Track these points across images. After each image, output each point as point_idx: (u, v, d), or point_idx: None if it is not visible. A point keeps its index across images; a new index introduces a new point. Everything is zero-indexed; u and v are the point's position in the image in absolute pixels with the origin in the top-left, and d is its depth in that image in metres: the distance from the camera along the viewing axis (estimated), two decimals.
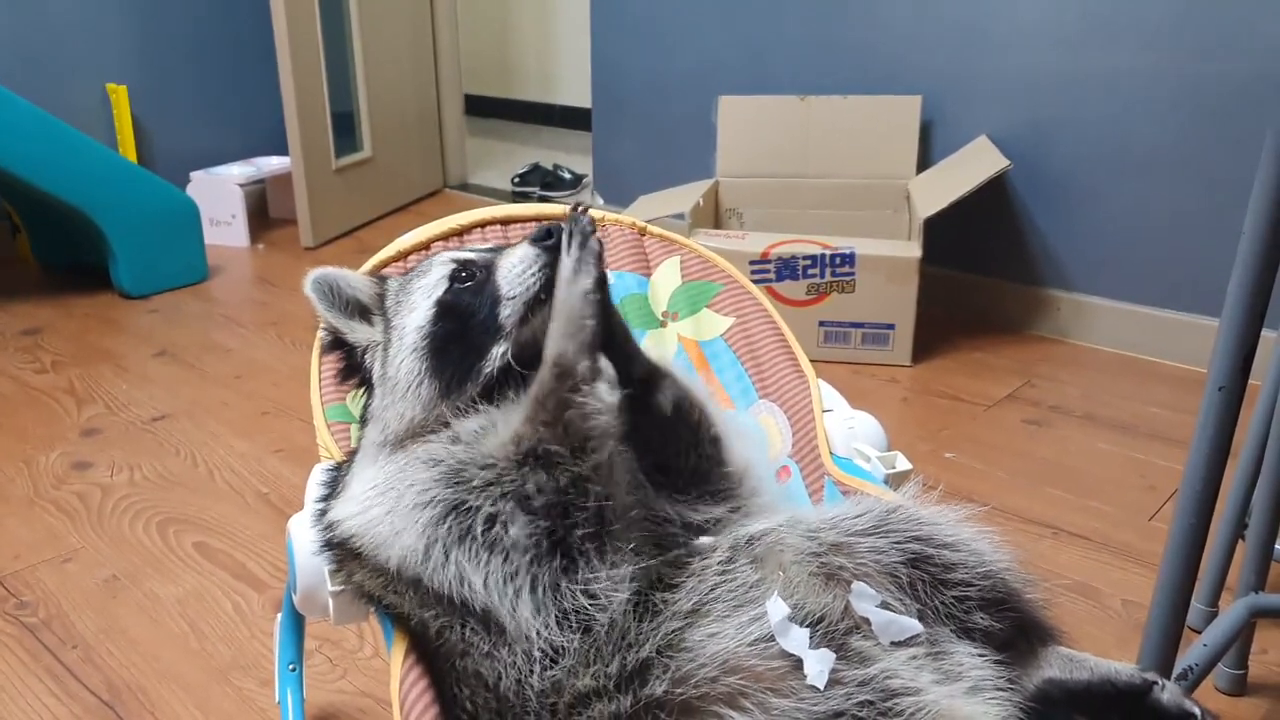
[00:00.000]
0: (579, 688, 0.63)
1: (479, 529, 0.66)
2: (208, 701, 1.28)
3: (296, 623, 1.08)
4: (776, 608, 0.64)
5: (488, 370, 0.75)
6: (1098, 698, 0.67)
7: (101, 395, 2.14)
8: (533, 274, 0.76)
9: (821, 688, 0.60)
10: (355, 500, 0.74)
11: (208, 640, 1.39)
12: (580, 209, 0.75)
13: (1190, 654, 1.04)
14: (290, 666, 1.07)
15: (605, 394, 0.69)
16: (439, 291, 0.79)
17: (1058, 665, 0.69)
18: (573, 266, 0.71)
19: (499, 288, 0.77)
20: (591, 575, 0.65)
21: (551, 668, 0.64)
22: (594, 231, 0.73)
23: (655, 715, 0.61)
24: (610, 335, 0.74)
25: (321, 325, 0.84)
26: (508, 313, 0.76)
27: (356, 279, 0.84)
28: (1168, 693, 0.66)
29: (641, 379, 0.76)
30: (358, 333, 0.82)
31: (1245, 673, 1.29)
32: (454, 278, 0.79)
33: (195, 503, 1.74)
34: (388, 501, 0.71)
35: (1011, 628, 0.69)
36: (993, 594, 0.69)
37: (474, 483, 0.68)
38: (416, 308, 0.79)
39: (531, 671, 0.64)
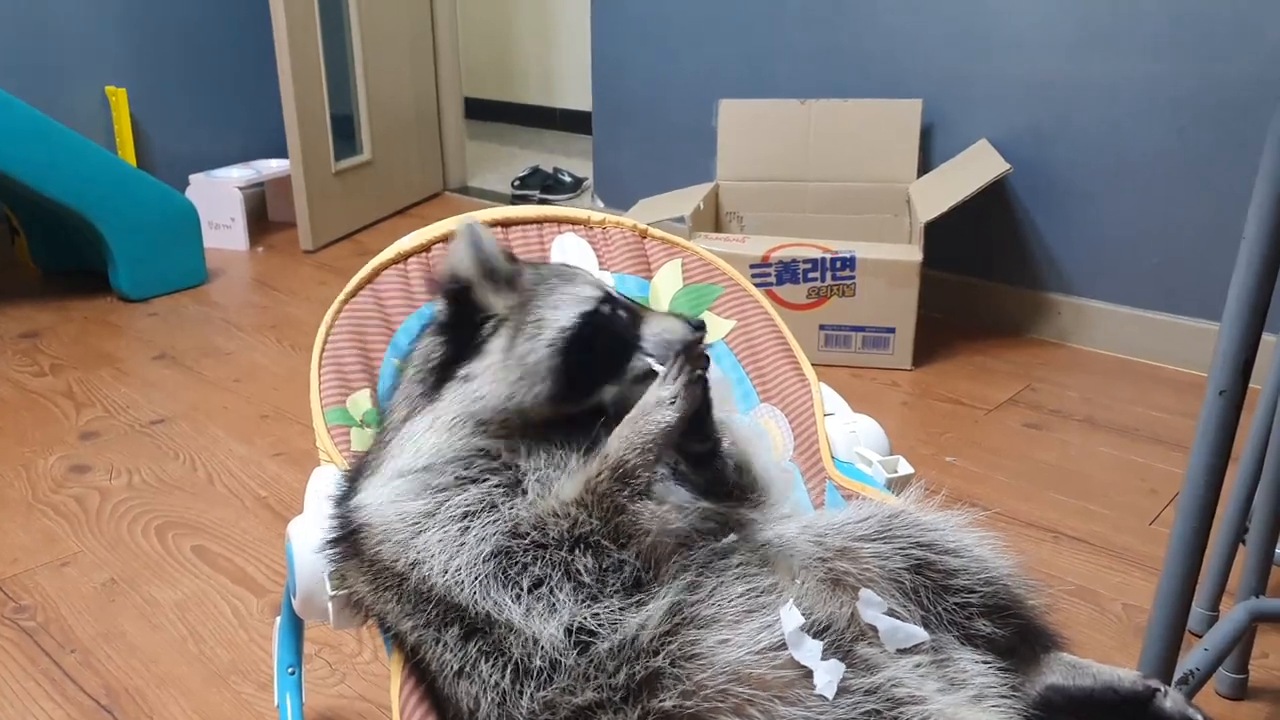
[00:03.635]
0: (577, 703, 0.63)
1: (525, 584, 0.67)
2: (206, 705, 1.28)
3: (295, 626, 1.07)
4: (791, 617, 0.64)
5: (592, 402, 0.76)
6: (1100, 704, 0.67)
7: (100, 399, 2.14)
8: (678, 348, 0.76)
9: (830, 698, 0.60)
10: (389, 489, 0.73)
11: (206, 644, 1.39)
12: (703, 348, 0.74)
13: (1191, 658, 1.04)
14: (289, 670, 1.06)
15: (653, 508, 0.70)
16: (587, 306, 0.78)
17: (1060, 672, 0.69)
18: (669, 396, 0.71)
19: (644, 340, 0.78)
20: (621, 610, 0.66)
21: (546, 687, 0.63)
22: (704, 370, 0.73)
23: None
24: (699, 417, 0.75)
25: (455, 274, 0.80)
26: (638, 367, 0.77)
27: (498, 248, 0.82)
28: (1170, 700, 0.66)
29: (708, 451, 0.78)
30: (491, 298, 0.79)
31: (1246, 677, 1.29)
32: (603, 302, 0.79)
33: (194, 506, 1.73)
34: (425, 504, 0.71)
35: (1014, 634, 0.69)
36: (994, 601, 0.69)
37: (525, 541, 0.68)
38: (561, 307, 0.78)
39: (521, 692, 0.63)
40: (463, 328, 0.79)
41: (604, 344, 0.77)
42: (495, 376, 0.75)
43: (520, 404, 0.74)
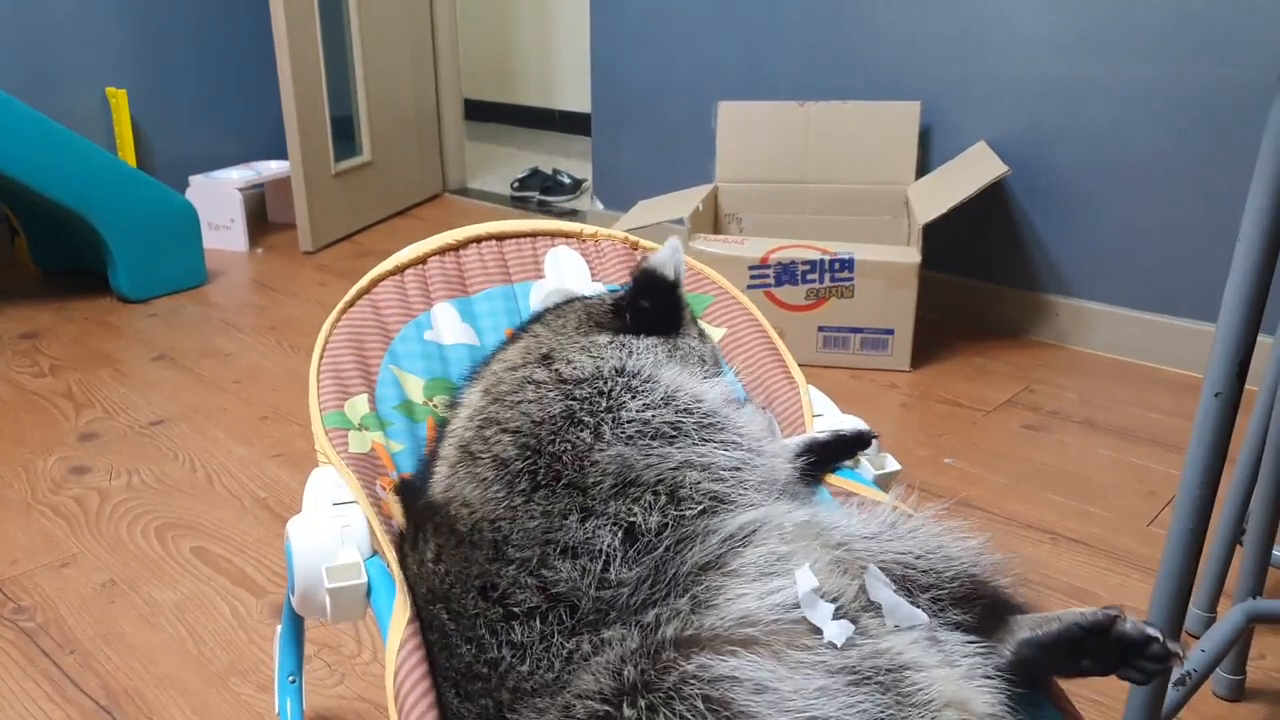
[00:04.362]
0: (601, 635, 0.65)
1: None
2: (205, 706, 1.28)
3: (296, 634, 1.08)
4: (806, 578, 0.65)
5: None
6: (1069, 644, 0.70)
7: (100, 400, 2.14)
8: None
9: (839, 645, 0.62)
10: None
11: (206, 645, 1.39)
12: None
13: (1188, 659, 1.05)
14: (290, 678, 1.07)
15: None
16: None
17: (1028, 626, 0.72)
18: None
19: None
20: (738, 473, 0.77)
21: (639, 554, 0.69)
22: None
23: (663, 647, 0.62)
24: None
25: (665, 276, 0.97)
26: None
27: None
28: (1129, 623, 0.69)
29: None
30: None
31: (1243, 678, 1.29)
32: None
33: (193, 507, 1.74)
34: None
35: (981, 614, 0.71)
36: (960, 591, 0.72)
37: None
38: (713, 345, 1.03)
39: (626, 555, 0.69)
40: (662, 314, 0.96)
41: None
42: (689, 348, 0.95)
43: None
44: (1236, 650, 1.27)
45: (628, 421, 0.77)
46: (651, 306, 0.95)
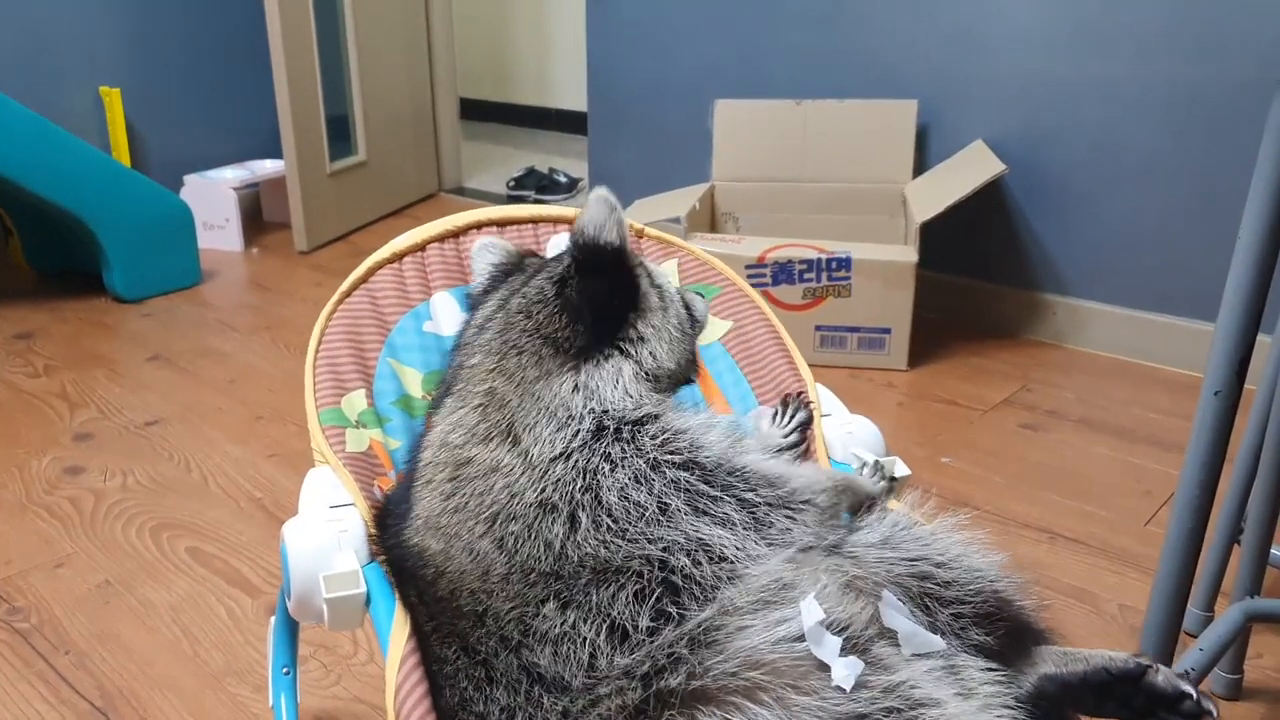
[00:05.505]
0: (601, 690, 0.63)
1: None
2: (201, 708, 1.27)
3: (290, 627, 1.07)
4: (811, 611, 0.62)
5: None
6: (1094, 687, 0.67)
7: (94, 400, 2.13)
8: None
9: (847, 690, 0.59)
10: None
11: (201, 646, 1.39)
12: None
13: (1186, 659, 1.04)
14: (284, 670, 1.06)
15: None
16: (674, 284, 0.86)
17: (1053, 660, 0.69)
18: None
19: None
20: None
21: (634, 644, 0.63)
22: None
23: (667, 702, 0.60)
24: None
25: (605, 240, 0.78)
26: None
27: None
28: (1162, 675, 0.66)
29: None
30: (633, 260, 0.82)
31: (1241, 677, 1.29)
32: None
33: (189, 508, 1.73)
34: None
35: (1004, 637, 0.69)
36: (984, 609, 0.69)
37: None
38: (664, 280, 0.85)
39: (614, 649, 0.64)
40: (613, 291, 0.78)
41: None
42: (663, 338, 0.79)
43: (677, 363, 0.80)
44: (1234, 649, 1.27)
45: (605, 504, 0.67)
46: (609, 283, 0.78)
